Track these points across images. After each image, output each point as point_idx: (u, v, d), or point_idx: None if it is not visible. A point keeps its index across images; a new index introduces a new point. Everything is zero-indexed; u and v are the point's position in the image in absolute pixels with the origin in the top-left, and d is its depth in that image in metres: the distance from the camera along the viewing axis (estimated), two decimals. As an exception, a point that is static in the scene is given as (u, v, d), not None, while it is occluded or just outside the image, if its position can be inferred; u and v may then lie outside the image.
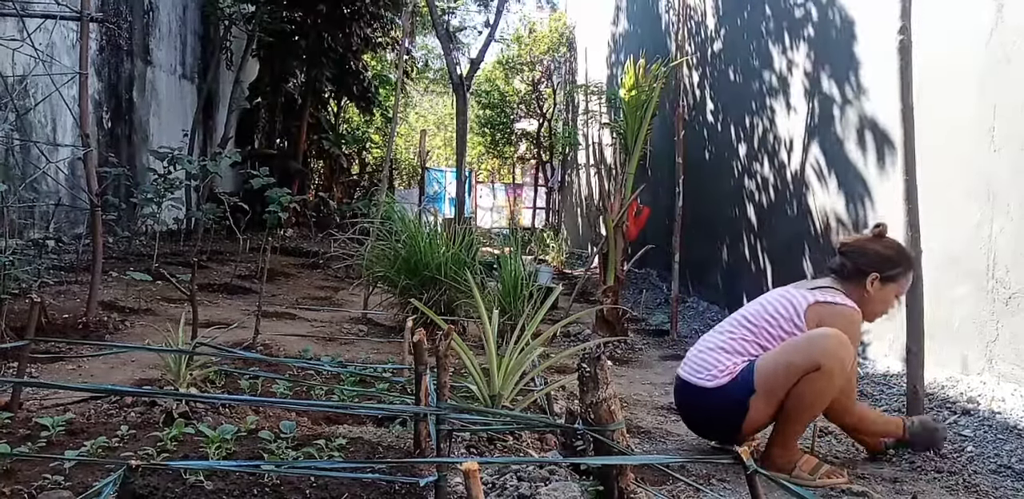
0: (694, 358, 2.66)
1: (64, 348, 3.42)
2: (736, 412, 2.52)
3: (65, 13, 3.95)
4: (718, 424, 2.66)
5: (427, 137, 16.72)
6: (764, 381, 2.47)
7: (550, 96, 16.48)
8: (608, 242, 5.25)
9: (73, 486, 1.78)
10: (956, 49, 3.52)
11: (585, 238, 12.46)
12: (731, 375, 2.53)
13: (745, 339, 2.59)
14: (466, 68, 8.09)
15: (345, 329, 4.70)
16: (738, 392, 2.50)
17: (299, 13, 10.56)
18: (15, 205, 3.78)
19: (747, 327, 2.61)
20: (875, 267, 2.64)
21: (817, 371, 2.39)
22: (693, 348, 2.73)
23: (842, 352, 2.41)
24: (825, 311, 2.55)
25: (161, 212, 5.64)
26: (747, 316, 2.65)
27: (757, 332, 2.59)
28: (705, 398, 2.57)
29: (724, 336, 2.64)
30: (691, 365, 2.65)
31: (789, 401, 2.46)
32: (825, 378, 2.40)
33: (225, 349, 3.17)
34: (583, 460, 2.00)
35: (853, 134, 4.38)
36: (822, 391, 2.43)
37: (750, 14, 5.98)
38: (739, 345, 2.59)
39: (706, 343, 2.68)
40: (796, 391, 2.44)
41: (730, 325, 2.68)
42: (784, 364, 2.45)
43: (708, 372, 2.57)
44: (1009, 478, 2.68)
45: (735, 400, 2.50)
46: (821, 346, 2.42)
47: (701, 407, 2.63)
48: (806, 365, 2.41)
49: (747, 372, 2.51)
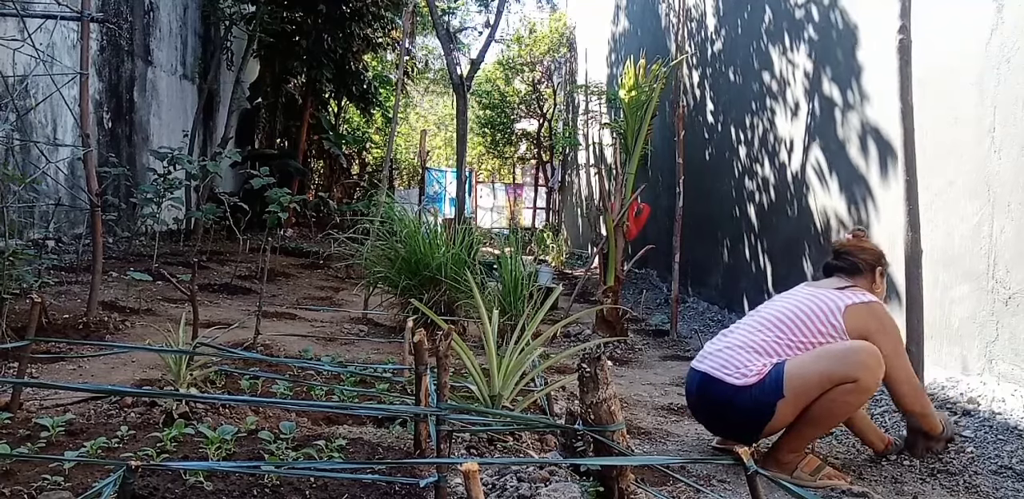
0: (722, 354, 2.59)
1: (64, 348, 3.41)
2: (762, 414, 2.48)
3: (65, 13, 3.95)
4: (740, 423, 2.59)
5: (427, 137, 16.73)
6: (795, 387, 2.44)
7: (550, 96, 16.48)
8: (608, 242, 5.25)
9: (73, 487, 1.78)
10: (956, 49, 3.52)
11: (585, 238, 12.46)
12: (759, 375, 2.49)
13: (778, 341, 2.55)
14: (466, 68, 8.10)
15: (345, 329, 4.70)
16: (767, 395, 2.46)
17: (299, 13, 10.56)
18: (15, 205, 3.78)
19: (780, 328, 2.57)
20: (877, 261, 2.80)
21: (853, 384, 2.41)
22: (715, 343, 2.67)
23: (879, 369, 2.46)
24: (864, 311, 2.57)
25: (161, 212, 5.64)
26: (779, 317, 2.60)
27: (791, 333, 2.55)
28: (732, 396, 2.51)
29: (755, 336, 2.58)
30: (718, 360, 2.58)
31: (816, 408, 2.45)
32: (859, 392, 2.43)
33: (225, 349, 3.17)
34: (583, 461, 1.99)
35: (853, 134, 4.38)
36: (852, 403, 2.46)
37: (750, 14, 5.98)
38: (770, 347, 2.55)
39: (733, 340, 2.62)
40: (826, 399, 2.43)
41: (758, 324, 2.62)
42: (819, 373, 2.44)
43: (738, 370, 2.52)
44: (1010, 479, 2.68)
45: (764, 402, 2.46)
46: (861, 360, 2.43)
47: (726, 405, 2.56)
48: (841, 377, 2.42)
49: (777, 374, 2.47)
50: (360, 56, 11.74)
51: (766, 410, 2.46)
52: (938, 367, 3.49)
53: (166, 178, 5.55)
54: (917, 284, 2.99)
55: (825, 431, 2.66)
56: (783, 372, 2.46)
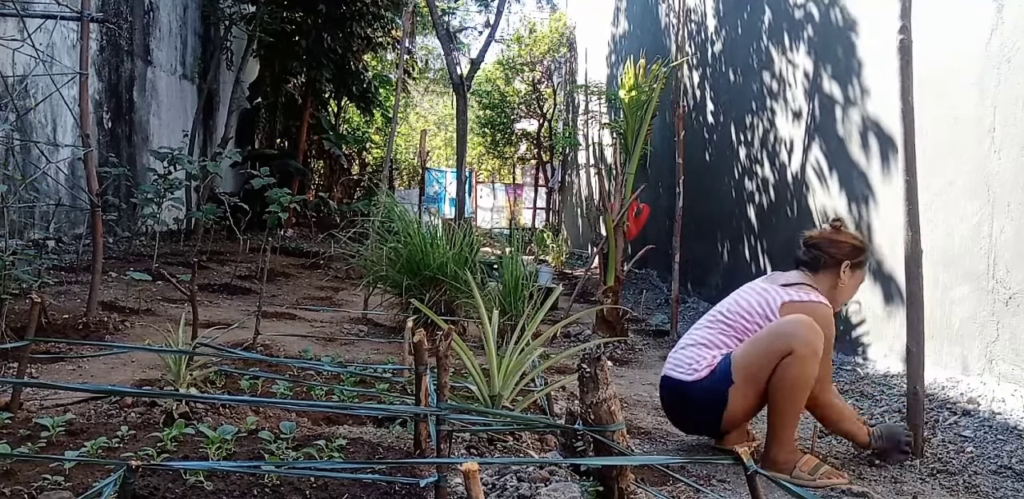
0: (676, 355, 2.74)
1: (64, 348, 3.41)
2: (716, 403, 2.59)
3: (65, 13, 3.95)
4: (698, 416, 2.72)
5: (427, 137, 16.71)
6: (741, 370, 2.54)
7: (550, 96, 16.48)
8: (608, 242, 5.25)
9: (73, 487, 1.78)
10: (956, 49, 3.52)
11: (585, 238, 12.46)
12: (710, 368, 2.61)
13: (723, 333, 2.67)
14: (466, 68, 8.09)
15: (345, 329, 4.69)
16: (717, 384, 2.57)
17: (299, 13, 10.56)
18: (15, 205, 3.77)
19: (723, 322, 2.70)
20: (847, 256, 2.75)
21: (790, 356, 2.45)
22: (676, 346, 2.81)
23: (811, 335, 2.46)
24: (798, 310, 2.59)
25: (161, 212, 5.64)
26: (722, 312, 2.73)
27: (734, 325, 2.67)
28: (686, 392, 2.65)
29: (702, 331, 2.73)
30: (673, 361, 2.73)
31: (771, 393, 2.51)
32: (799, 362, 2.45)
33: (225, 349, 3.17)
34: (583, 461, 2.00)
35: (853, 134, 4.38)
36: (799, 376, 2.47)
37: (750, 14, 5.98)
38: (716, 339, 2.67)
39: (686, 340, 2.77)
40: (775, 380, 2.49)
41: (707, 321, 2.76)
42: (756, 352, 2.53)
43: (689, 367, 2.65)
44: (1009, 479, 2.68)
45: (715, 391, 2.57)
46: (790, 330, 2.49)
47: (682, 401, 2.70)
48: (778, 349, 2.47)
49: (724, 364, 2.59)
50: (360, 56, 11.74)
51: (719, 399, 2.57)
52: (938, 367, 3.49)
53: (166, 178, 5.55)
54: (918, 284, 2.99)
55: (796, 412, 2.55)
56: (730, 361, 2.57)
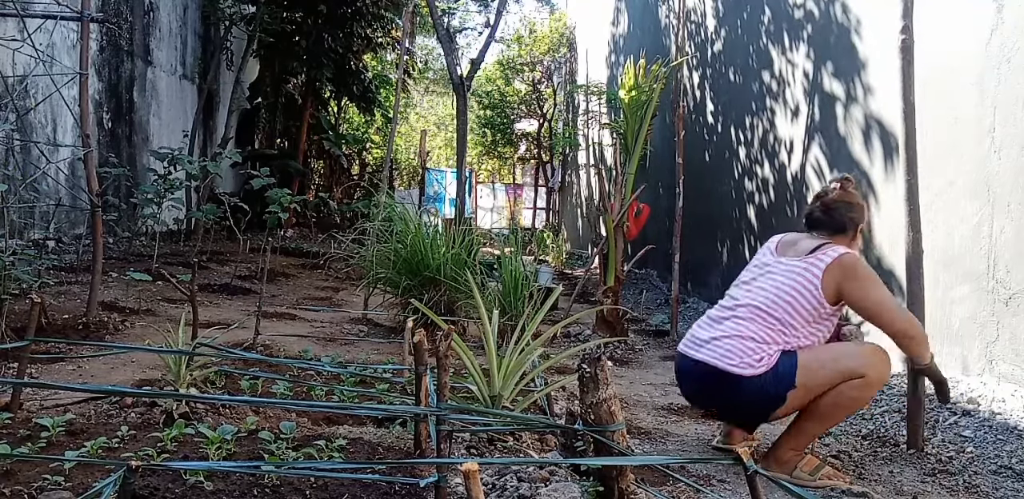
0: (721, 344, 2.56)
1: (64, 348, 3.41)
2: (773, 401, 2.54)
3: (65, 13, 3.95)
4: (747, 409, 2.63)
5: (427, 137, 16.71)
6: (807, 378, 2.50)
7: (550, 96, 16.47)
8: (608, 242, 5.25)
9: (73, 487, 1.78)
10: (956, 49, 3.52)
11: (585, 238, 12.46)
12: (767, 366, 2.50)
13: (772, 328, 2.54)
14: (466, 68, 8.08)
15: (345, 330, 4.69)
16: (779, 386, 2.51)
17: (299, 13, 10.56)
18: (15, 205, 3.77)
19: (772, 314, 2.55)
20: (862, 217, 2.75)
21: (861, 379, 2.49)
22: (707, 330, 2.64)
23: (886, 368, 2.56)
24: (835, 268, 2.54)
25: (161, 212, 5.63)
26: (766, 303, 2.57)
27: (781, 318, 2.54)
28: (738, 384, 2.51)
29: (750, 325, 2.56)
30: (718, 350, 2.55)
31: (823, 403, 2.51)
32: (866, 388, 2.51)
33: (225, 350, 3.17)
34: (583, 461, 1.99)
35: (853, 134, 4.37)
36: (857, 398, 2.53)
37: (750, 14, 5.98)
38: (766, 334, 2.54)
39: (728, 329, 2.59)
40: (832, 394, 2.50)
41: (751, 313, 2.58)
42: (830, 367, 2.51)
43: (742, 360, 2.51)
44: (1010, 479, 2.68)
45: (775, 392, 2.52)
46: (870, 360, 2.53)
47: (730, 392, 2.55)
48: (851, 372, 2.49)
49: (787, 366, 2.51)
50: (360, 56, 11.73)
51: (777, 398, 2.53)
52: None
53: (166, 178, 5.54)
54: (918, 284, 2.99)
55: (829, 427, 2.67)
56: (796, 364, 2.51)
